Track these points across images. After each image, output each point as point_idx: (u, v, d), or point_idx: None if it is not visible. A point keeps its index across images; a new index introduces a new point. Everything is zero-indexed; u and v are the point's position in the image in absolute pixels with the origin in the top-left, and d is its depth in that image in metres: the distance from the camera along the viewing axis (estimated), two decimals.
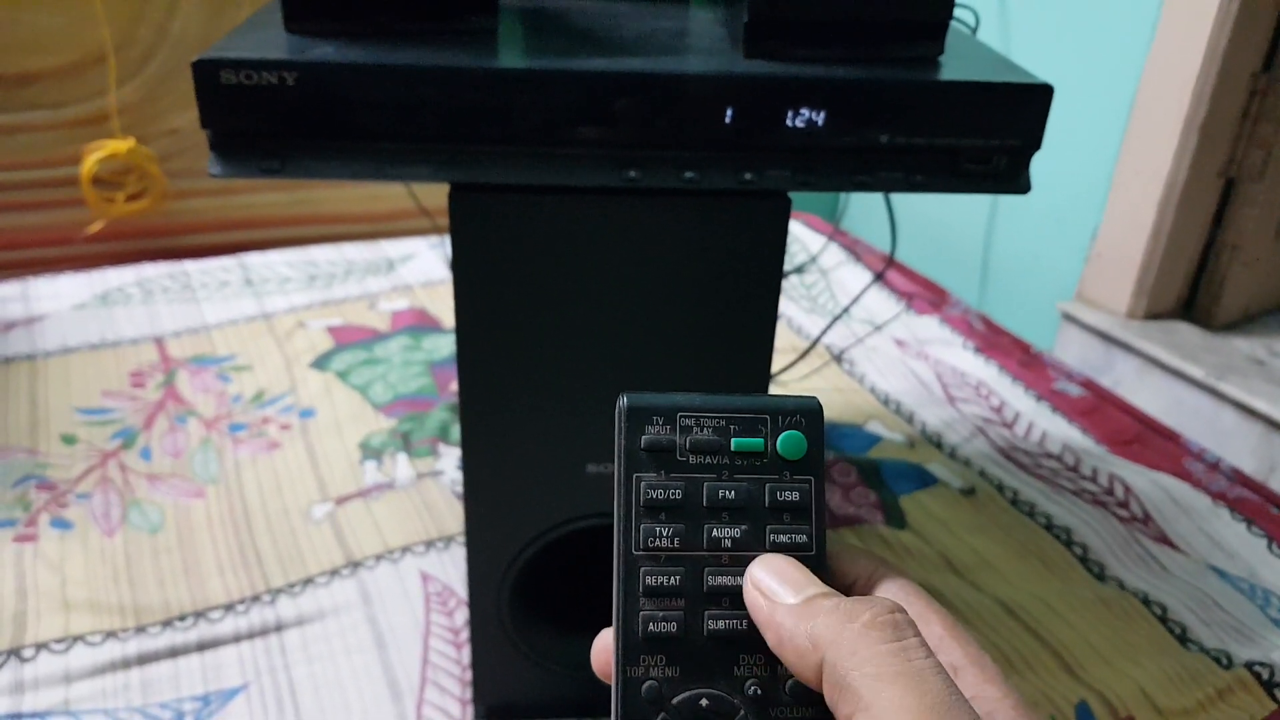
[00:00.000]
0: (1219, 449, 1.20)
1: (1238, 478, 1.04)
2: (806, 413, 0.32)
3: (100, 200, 1.40)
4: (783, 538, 0.31)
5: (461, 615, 0.82)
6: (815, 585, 0.29)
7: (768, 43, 0.52)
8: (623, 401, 0.32)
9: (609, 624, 0.73)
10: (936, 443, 1.08)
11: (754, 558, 0.31)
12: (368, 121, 0.50)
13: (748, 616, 0.30)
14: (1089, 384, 1.21)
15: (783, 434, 0.31)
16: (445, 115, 0.50)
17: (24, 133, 1.37)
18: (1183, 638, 0.83)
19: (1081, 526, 0.95)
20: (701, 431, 0.31)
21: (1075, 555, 0.92)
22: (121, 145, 1.37)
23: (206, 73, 0.48)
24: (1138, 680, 0.78)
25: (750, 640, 0.30)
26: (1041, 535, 0.94)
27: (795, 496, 0.31)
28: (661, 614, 0.31)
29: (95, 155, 1.36)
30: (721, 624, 0.30)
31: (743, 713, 0.30)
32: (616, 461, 0.31)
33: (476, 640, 0.70)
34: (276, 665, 0.77)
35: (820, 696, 0.30)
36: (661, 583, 0.31)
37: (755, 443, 0.31)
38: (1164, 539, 0.95)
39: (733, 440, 0.31)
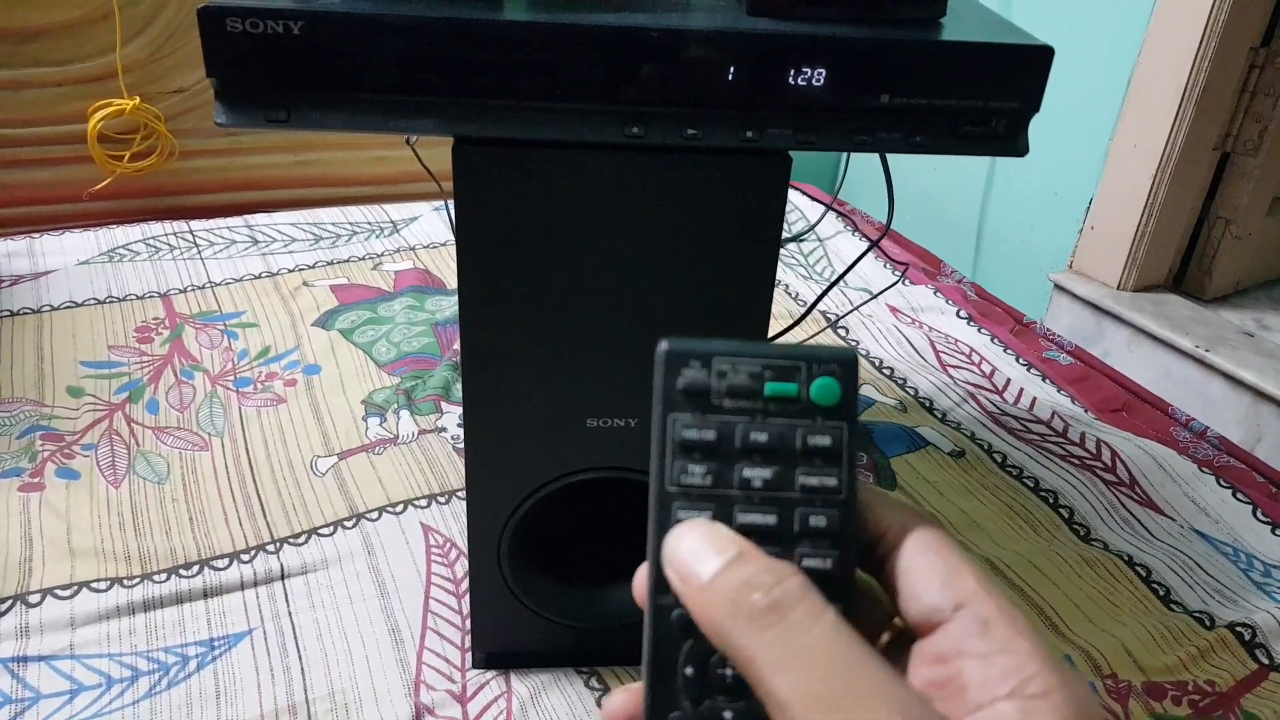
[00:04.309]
0: (1207, 419, 1.22)
1: (1224, 446, 1.06)
2: (841, 361, 0.32)
3: (106, 158, 1.40)
4: (813, 480, 0.31)
5: (462, 567, 0.83)
6: (717, 556, 0.29)
7: (771, 0, 0.53)
8: (662, 346, 0.32)
9: (607, 575, 0.75)
10: (928, 407, 1.10)
11: (785, 498, 0.31)
12: (373, 73, 0.50)
13: (775, 552, 0.31)
14: (1079, 353, 1.23)
15: (816, 380, 0.32)
16: (450, 68, 0.50)
17: (30, 89, 1.37)
18: (1166, 599, 0.85)
19: (1068, 489, 0.97)
20: (737, 376, 0.32)
21: (1062, 517, 0.94)
22: (127, 103, 1.38)
23: (212, 20, 0.49)
24: (1121, 639, 0.80)
25: None
26: (1029, 497, 0.96)
27: (827, 441, 0.32)
28: None
29: (101, 113, 1.36)
30: None
31: None
32: (654, 403, 0.32)
33: (476, 590, 0.71)
34: (281, 612, 0.79)
35: None
36: (691, 518, 0.31)
37: (789, 388, 0.32)
38: (1149, 503, 0.97)
39: (766, 385, 0.32)
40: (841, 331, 1.25)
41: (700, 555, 0.29)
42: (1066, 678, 0.28)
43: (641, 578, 0.33)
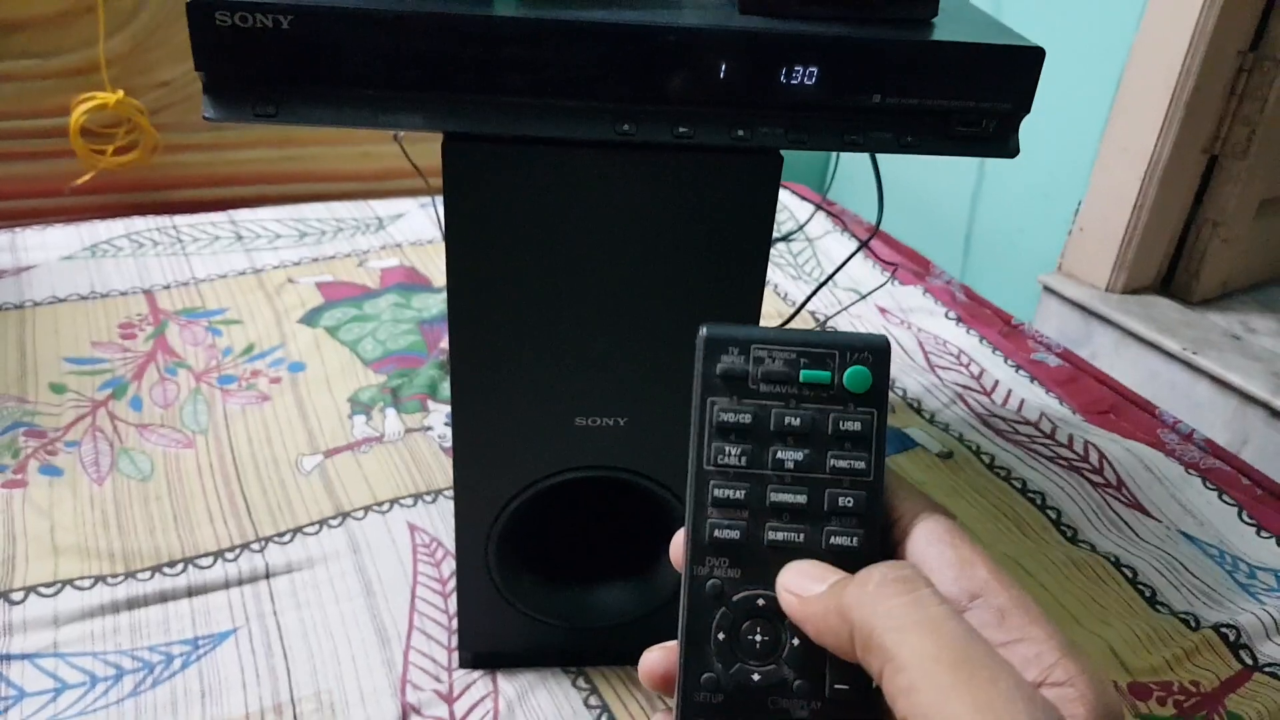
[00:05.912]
0: (1193, 421, 1.22)
1: (1211, 449, 1.06)
2: (874, 350, 0.34)
3: (89, 152, 1.39)
4: (842, 462, 0.33)
5: (448, 566, 0.83)
6: (835, 573, 0.32)
7: None
8: (703, 332, 0.34)
9: (595, 575, 0.75)
10: (917, 408, 1.10)
11: (816, 479, 0.33)
12: (362, 68, 0.50)
13: (804, 529, 0.33)
14: (1067, 355, 1.23)
15: (849, 368, 0.34)
16: (440, 64, 0.50)
17: (11, 81, 1.35)
18: (1152, 600, 0.85)
19: (1056, 491, 0.97)
20: (773, 363, 0.34)
21: (1049, 519, 0.94)
22: (110, 97, 1.36)
23: (201, 13, 0.48)
24: (1107, 640, 0.80)
25: (805, 551, 0.33)
26: (1016, 499, 0.96)
27: (857, 426, 0.33)
28: (726, 522, 0.33)
29: (84, 106, 1.35)
30: (780, 535, 0.33)
31: None
32: (694, 386, 0.34)
33: (463, 590, 0.71)
34: (265, 611, 0.78)
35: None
36: (728, 495, 0.33)
37: (822, 375, 0.34)
38: (1136, 505, 0.97)
39: (801, 372, 0.34)
40: None
41: (812, 576, 0.32)
42: (1084, 663, 0.30)
43: (678, 546, 0.35)
